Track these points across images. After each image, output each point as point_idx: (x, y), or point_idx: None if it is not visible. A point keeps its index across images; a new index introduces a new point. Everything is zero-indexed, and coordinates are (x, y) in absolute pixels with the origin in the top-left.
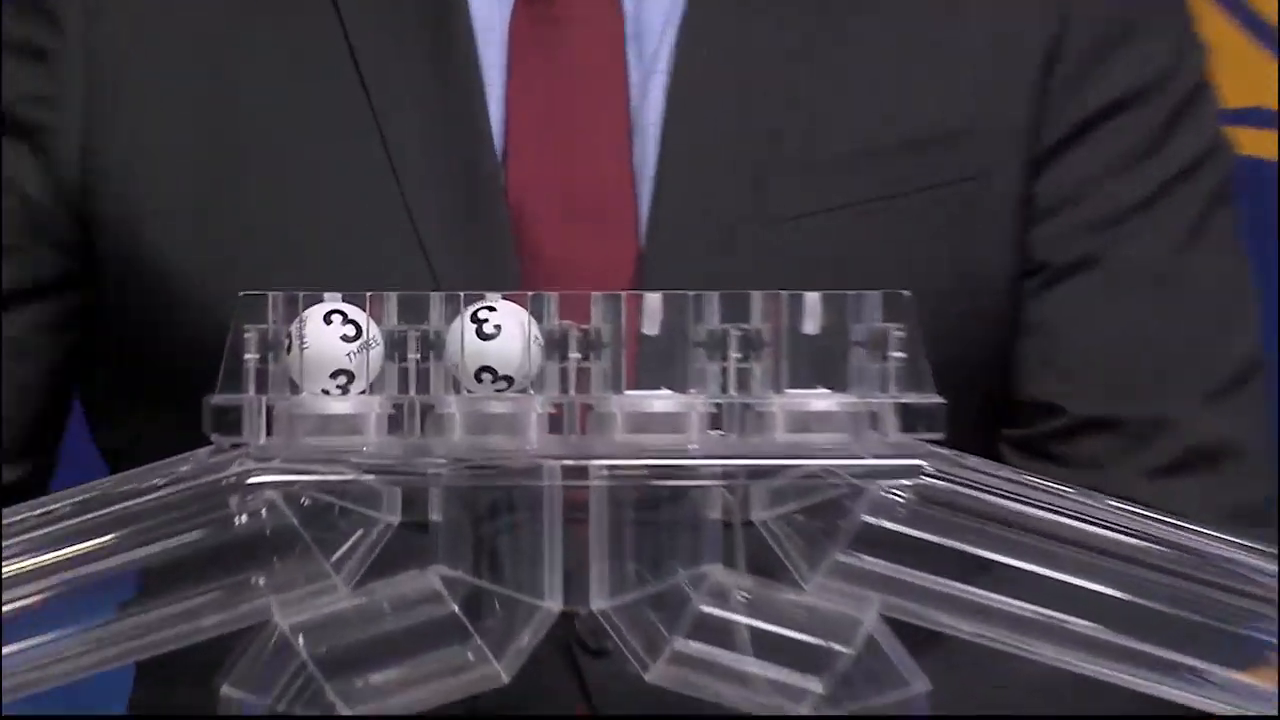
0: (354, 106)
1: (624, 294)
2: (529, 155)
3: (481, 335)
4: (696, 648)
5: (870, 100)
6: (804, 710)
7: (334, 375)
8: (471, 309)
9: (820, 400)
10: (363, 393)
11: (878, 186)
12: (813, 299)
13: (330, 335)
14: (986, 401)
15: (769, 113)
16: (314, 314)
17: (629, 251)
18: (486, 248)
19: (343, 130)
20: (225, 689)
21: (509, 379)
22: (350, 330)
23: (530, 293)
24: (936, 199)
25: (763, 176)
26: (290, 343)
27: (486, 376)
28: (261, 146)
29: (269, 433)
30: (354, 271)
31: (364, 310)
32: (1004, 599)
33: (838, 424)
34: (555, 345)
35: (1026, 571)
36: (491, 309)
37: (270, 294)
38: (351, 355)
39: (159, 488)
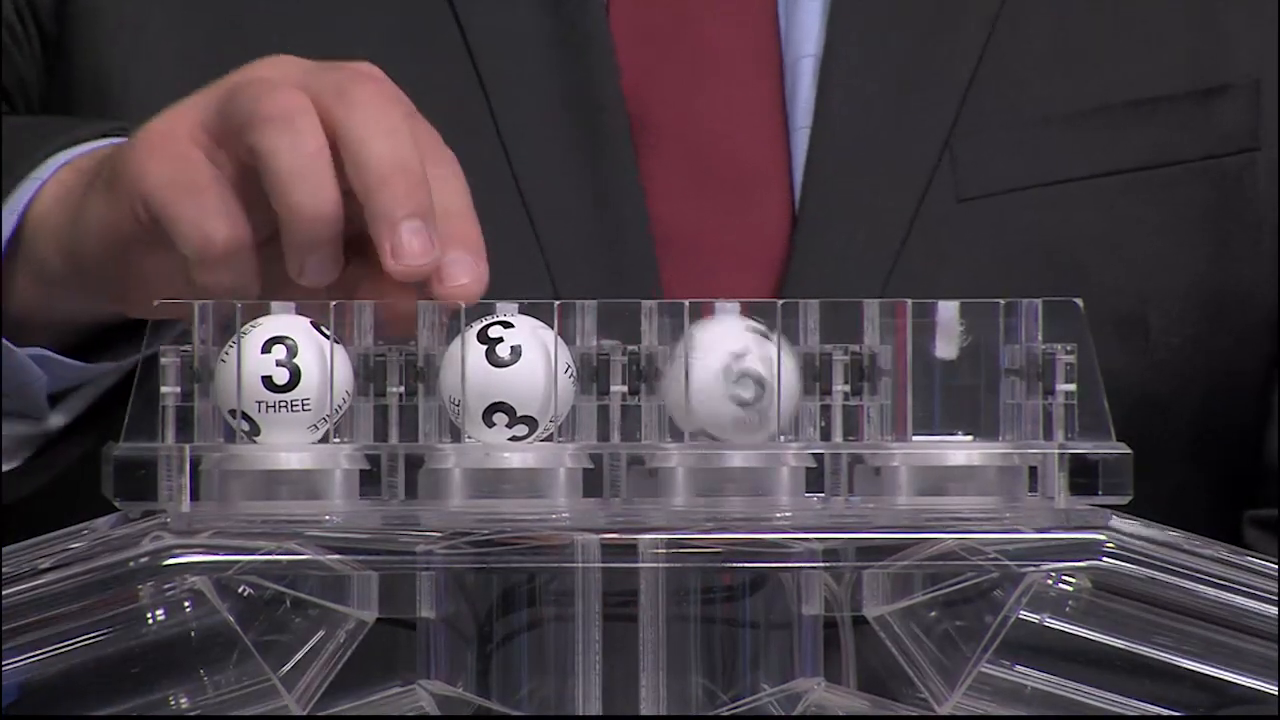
0: (454, 47)
1: (687, 303)
2: (652, 96)
3: (493, 360)
4: None
5: (1100, 46)
6: None
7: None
8: (478, 325)
9: (959, 450)
10: (325, 439)
11: (1110, 157)
12: (948, 309)
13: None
14: (1233, 466)
15: (965, 51)
16: (253, 339)
17: (780, 226)
18: (608, 216)
19: (447, 78)
20: None
21: (530, 421)
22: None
23: (558, 301)
24: (1186, 176)
25: (953, 140)
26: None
27: (499, 418)
28: None
29: (194, 496)
30: None
31: (325, 332)
32: None
33: (983, 483)
34: (593, 374)
35: (1241, 687)
36: (506, 325)
37: (196, 303)
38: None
39: (43, 571)
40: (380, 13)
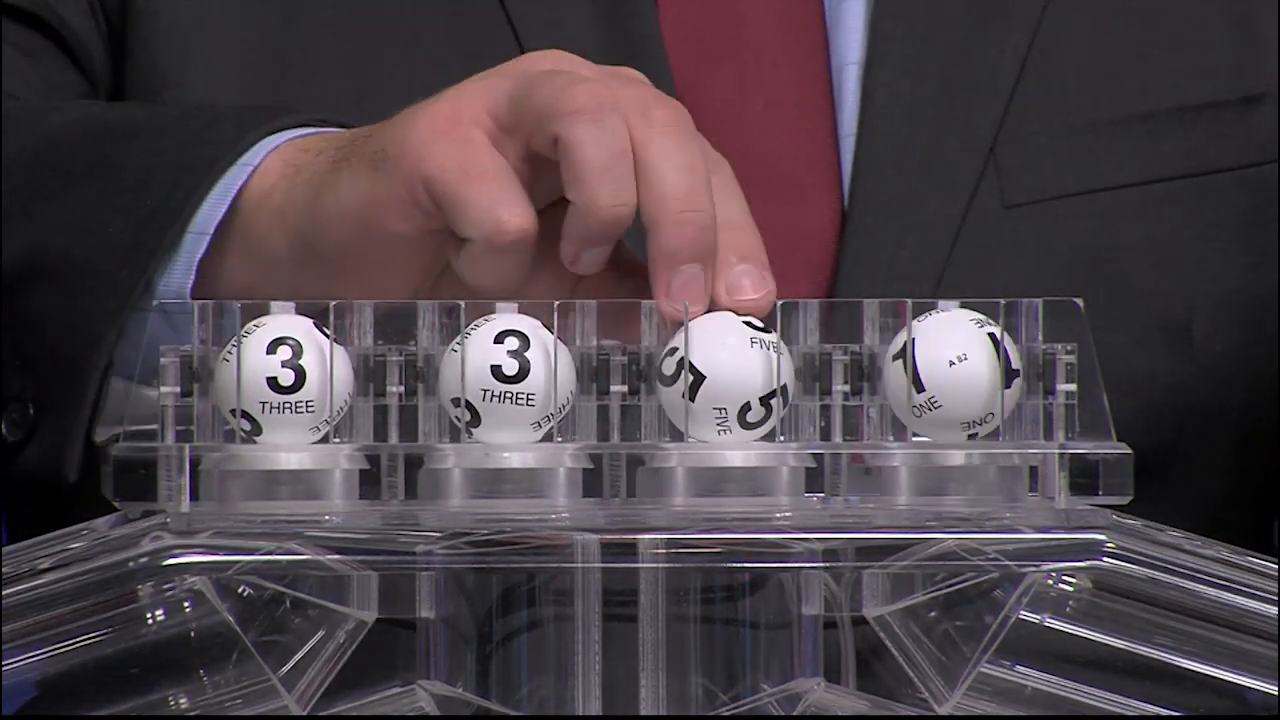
0: (509, 50)
1: (686, 303)
2: (701, 100)
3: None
4: None
5: (1142, 53)
6: None
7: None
8: (480, 326)
9: (960, 450)
10: (325, 440)
11: (1153, 165)
12: (947, 308)
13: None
14: (1273, 474)
15: (1007, 58)
16: (256, 339)
17: (829, 231)
18: None
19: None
20: None
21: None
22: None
23: (557, 302)
24: (1227, 184)
25: (997, 147)
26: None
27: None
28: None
29: (194, 496)
30: None
31: (325, 332)
32: None
33: (984, 483)
34: (593, 374)
35: (1241, 687)
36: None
37: (196, 303)
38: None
39: (43, 571)
40: (435, 15)
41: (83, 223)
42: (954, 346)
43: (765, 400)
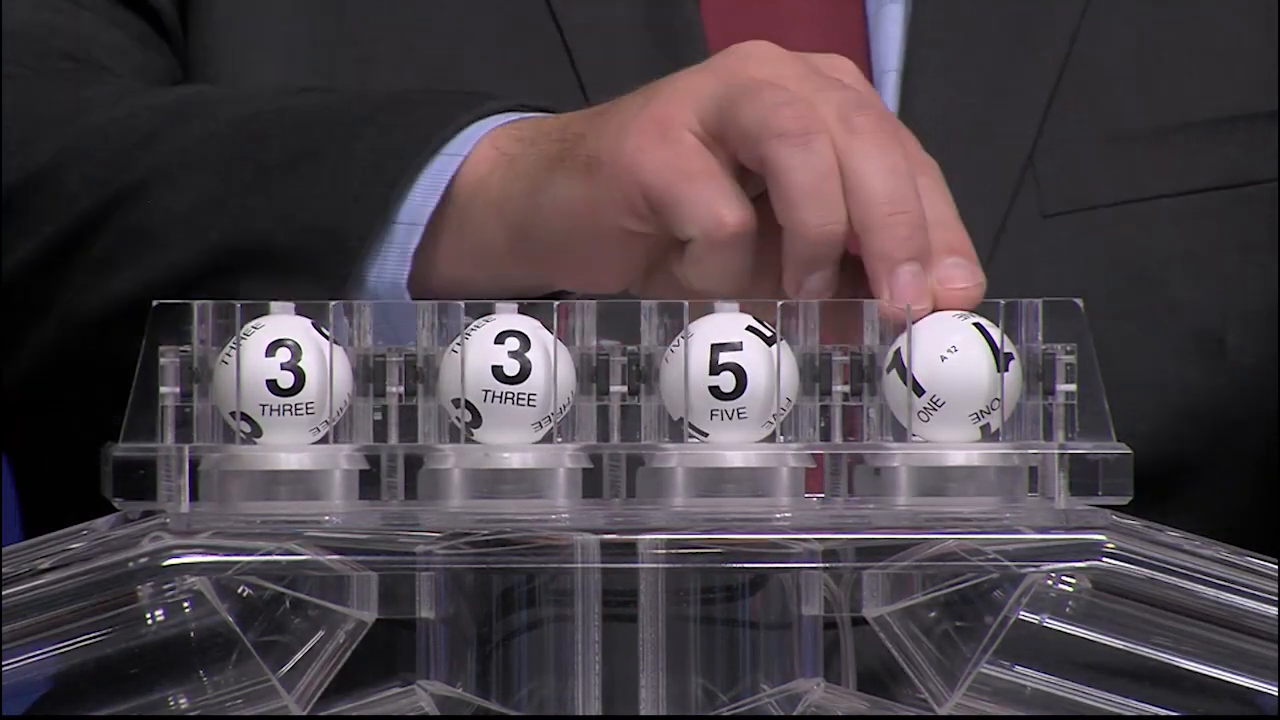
0: (553, 47)
1: (686, 304)
2: None
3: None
4: None
5: (1179, 63)
6: None
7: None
8: (480, 327)
9: (959, 450)
10: (325, 439)
11: (1190, 175)
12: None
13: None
14: None
15: (1045, 67)
16: (256, 341)
17: None
18: None
19: (545, 77)
20: None
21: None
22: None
23: (556, 303)
24: (1261, 196)
25: (1035, 156)
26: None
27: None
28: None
29: (194, 496)
30: None
31: (325, 333)
32: None
33: (984, 484)
34: (593, 374)
35: (1240, 689)
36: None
37: (195, 303)
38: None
39: (43, 572)
40: (480, 12)
41: (284, 210)
42: (942, 342)
43: None
